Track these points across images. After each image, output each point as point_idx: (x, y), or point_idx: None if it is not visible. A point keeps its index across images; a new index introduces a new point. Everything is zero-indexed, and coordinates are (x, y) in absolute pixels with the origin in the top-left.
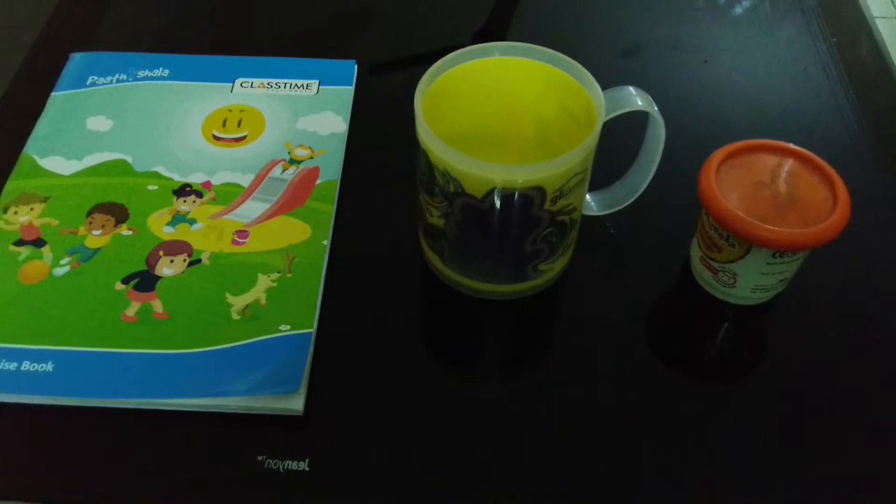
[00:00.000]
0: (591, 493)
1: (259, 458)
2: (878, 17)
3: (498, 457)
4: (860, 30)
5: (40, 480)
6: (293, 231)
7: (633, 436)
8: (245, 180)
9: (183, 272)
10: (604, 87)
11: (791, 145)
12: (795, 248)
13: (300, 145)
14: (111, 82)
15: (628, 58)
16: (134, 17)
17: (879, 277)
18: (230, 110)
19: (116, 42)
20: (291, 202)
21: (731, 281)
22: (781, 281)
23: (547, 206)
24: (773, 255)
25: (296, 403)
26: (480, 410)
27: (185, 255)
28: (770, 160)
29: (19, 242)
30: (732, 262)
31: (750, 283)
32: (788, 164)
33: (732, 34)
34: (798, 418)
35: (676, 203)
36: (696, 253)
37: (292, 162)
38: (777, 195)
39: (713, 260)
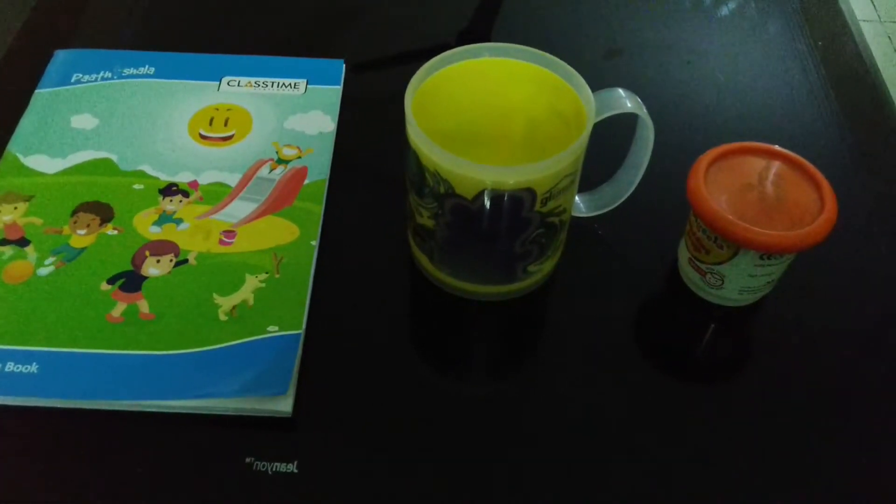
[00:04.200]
0: (580, 493)
1: (247, 460)
2: (861, 21)
3: (486, 457)
4: (843, 32)
5: (25, 483)
6: (281, 231)
7: (621, 436)
8: (232, 180)
9: (169, 272)
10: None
11: (778, 148)
12: (783, 249)
13: (288, 145)
14: (96, 80)
15: (612, 59)
16: (119, 13)
17: (865, 278)
18: (217, 109)
19: (101, 39)
20: (279, 202)
21: (719, 282)
22: (769, 283)
23: (537, 207)
24: (761, 257)
25: (284, 405)
26: (469, 411)
27: (172, 255)
28: (758, 163)
29: (3, 242)
30: (720, 263)
31: (737, 284)
32: (776, 166)
33: (716, 36)
34: (784, 419)
35: (664, 205)
36: (683, 254)
37: (280, 161)
38: (765, 197)
39: (701, 261)
